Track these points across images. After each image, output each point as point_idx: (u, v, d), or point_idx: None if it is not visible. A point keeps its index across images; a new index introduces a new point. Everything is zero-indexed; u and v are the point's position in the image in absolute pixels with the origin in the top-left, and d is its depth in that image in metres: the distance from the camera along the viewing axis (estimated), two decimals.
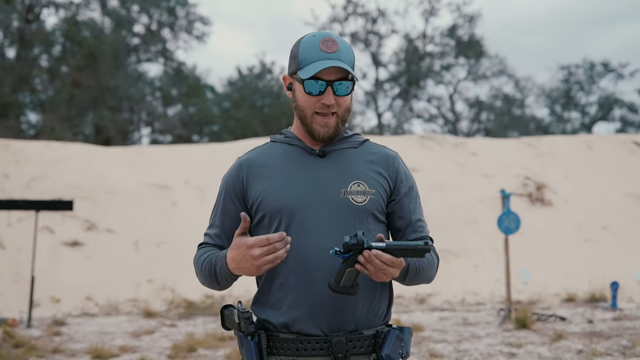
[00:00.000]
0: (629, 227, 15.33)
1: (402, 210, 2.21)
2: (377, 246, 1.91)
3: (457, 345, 8.07)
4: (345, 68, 2.07)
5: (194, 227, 13.67)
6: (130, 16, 33.68)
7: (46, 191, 14.49)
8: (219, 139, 31.03)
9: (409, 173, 2.28)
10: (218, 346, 8.08)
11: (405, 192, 2.23)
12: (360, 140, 2.26)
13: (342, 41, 2.14)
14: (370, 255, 1.90)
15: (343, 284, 1.96)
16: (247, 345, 2.06)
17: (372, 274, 1.94)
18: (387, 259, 1.91)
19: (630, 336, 8.34)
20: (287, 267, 2.08)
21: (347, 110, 2.17)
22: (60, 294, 11.85)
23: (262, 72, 35.78)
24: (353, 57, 2.16)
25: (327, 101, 2.09)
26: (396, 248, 1.92)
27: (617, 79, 37.91)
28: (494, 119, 39.60)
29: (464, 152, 18.30)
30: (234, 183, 2.21)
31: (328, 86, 2.09)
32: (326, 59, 2.08)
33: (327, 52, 2.09)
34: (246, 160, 2.23)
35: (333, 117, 2.13)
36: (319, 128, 2.14)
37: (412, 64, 37.06)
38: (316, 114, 2.13)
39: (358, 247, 1.91)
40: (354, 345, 2.06)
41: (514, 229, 10.07)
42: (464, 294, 12.80)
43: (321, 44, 2.10)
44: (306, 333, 2.05)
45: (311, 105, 2.12)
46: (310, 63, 2.09)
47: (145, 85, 33.47)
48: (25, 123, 31.56)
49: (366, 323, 2.10)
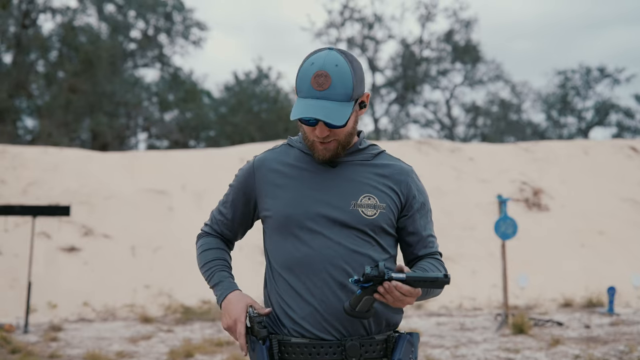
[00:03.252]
0: (625, 232, 15.35)
1: (413, 226, 2.22)
2: (397, 277, 1.93)
3: (454, 350, 8.07)
4: (323, 121, 2.02)
5: (191, 232, 13.57)
6: (127, 21, 33.69)
7: (43, 196, 14.46)
8: (215, 144, 31.01)
9: (422, 188, 2.26)
10: (215, 352, 8.07)
11: (418, 208, 2.22)
12: (375, 152, 2.23)
13: (338, 72, 2.03)
14: (391, 287, 1.92)
15: (359, 309, 1.98)
16: (259, 349, 2.07)
17: (389, 302, 1.96)
18: (407, 291, 1.93)
19: (627, 341, 8.35)
20: (297, 277, 2.09)
21: (348, 135, 2.13)
22: (57, 300, 11.82)
23: (259, 77, 35.79)
24: (351, 84, 2.05)
25: (319, 134, 2.07)
26: (416, 279, 1.93)
27: (613, 84, 38.05)
28: (491, 124, 39.65)
29: (461, 157, 18.31)
30: (246, 182, 2.24)
31: (319, 121, 2.05)
32: (314, 98, 2.02)
33: (317, 89, 2.02)
34: (260, 161, 2.23)
35: (333, 142, 2.11)
36: (319, 154, 2.13)
37: (408, 69, 37.11)
38: (315, 141, 2.12)
39: (379, 279, 1.93)
40: (366, 349, 2.07)
41: (510, 234, 10.07)
42: (461, 299, 12.80)
43: (313, 79, 2.03)
44: (320, 337, 2.06)
45: (310, 132, 2.11)
46: (301, 97, 2.05)
47: (142, 90, 33.46)
48: (21, 128, 31.55)
49: (377, 327, 2.12)
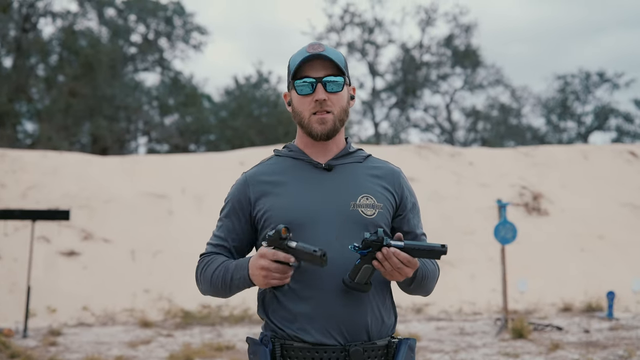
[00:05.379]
0: (625, 237, 15.35)
1: (408, 225, 2.25)
2: (395, 244, 1.95)
3: (453, 355, 8.07)
4: (329, 58, 2.13)
5: (191, 236, 13.65)
6: (128, 25, 33.74)
7: (42, 201, 14.46)
8: (215, 148, 31.03)
9: (411, 189, 2.33)
10: (215, 356, 8.07)
11: (410, 207, 2.27)
12: (364, 155, 2.29)
13: (330, 47, 2.19)
14: (389, 252, 1.94)
15: (358, 280, 1.99)
16: (262, 352, 2.06)
17: (388, 272, 1.98)
18: (404, 258, 1.95)
19: (627, 346, 8.35)
20: (298, 281, 2.09)
21: (344, 111, 2.19)
22: (57, 304, 11.82)
23: (259, 81, 35.81)
24: (343, 59, 2.21)
25: (318, 96, 2.13)
26: (414, 248, 1.95)
27: (613, 88, 38.08)
28: (491, 129, 39.67)
29: (461, 162, 18.33)
30: (240, 199, 2.22)
31: (318, 82, 2.13)
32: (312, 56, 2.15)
33: (312, 52, 2.14)
34: (252, 175, 2.23)
35: (329, 115, 2.16)
36: (316, 126, 2.16)
37: (408, 74, 37.13)
38: (312, 114, 2.16)
39: (377, 244, 1.94)
40: (369, 355, 2.07)
41: (510, 238, 10.07)
42: (461, 303, 12.80)
43: (308, 47, 2.17)
44: (323, 343, 2.05)
45: (306, 106, 2.16)
46: (297, 64, 2.15)
47: (142, 94, 33.49)
48: (21, 132, 31.58)
49: (377, 333, 2.12)
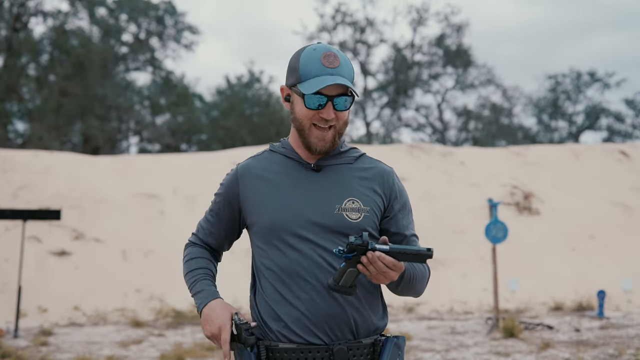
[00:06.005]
0: (615, 236, 15.41)
1: (396, 227, 2.23)
2: (380, 248, 1.94)
3: (445, 354, 8.09)
4: (348, 85, 2.08)
5: (183, 236, 13.53)
6: (119, 25, 33.66)
7: (33, 200, 14.41)
8: (207, 148, 31.01)
9: (403, 189, 2.30)
10: (206, 356, 8.07)
11: (399, 208, 2.24)
12: (356, 155, 2.27)
13: (342, 56, 2.14)
14: (374, 257, 1.93)
15: (342, 284, 1.98)
16: (247, 356, 2.07)
17: (373, 275, 1.97)
18: (390, 262, 1.94)
19: (617, 345, 8.39)
20: (284, 282, 2.10)
21: (345, 124, 2.18)
22: (48, 304, 11.79)
23: (251, 81, 35.79)
24: (353, 72, 2.17)
25: (326, 116, 2.10)
26: (399, 252, 1.95)
27: (604, 88, 38.23)
28: (482, 128, 39.80)
29: (452, 161, 18.36)
30: (232, 190, 2.24)
31: (329, 101, 2.09)
32: (328, 75, 2.08)
33: (329, 67, 2.09)
34: (243, 169, 2.24)
35: (330, 130, 2.14)
36: (316, 142, 2.14)
37: (400, 73, 37.20)
38: (314, 126, 2.13)
39: (362, 248, 1.93)
40: (354, 353, 2.07)
41: (501, 238, 10.09)
42: (452, 303, 12.83)
43: (323, 58, 2.10)
44: (308, 342, 2.05)
45: (309, 117, 2.13)
46: (311, 77, 2.09)
47: (133, 94, 33.43)
48: (12, 132, 31.48)
49: (364, 332, 2.11)
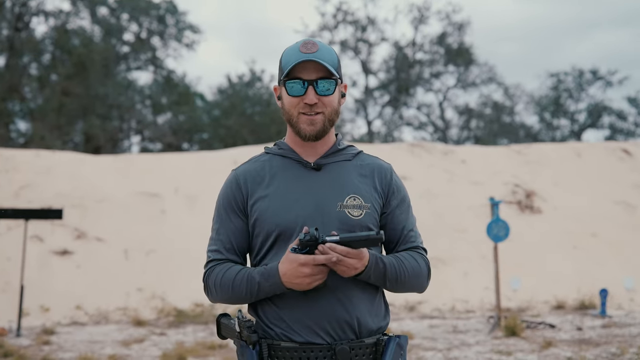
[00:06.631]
0: (618, 235, 15.40)
1: (393, 222, 2.23)
2: (330, 239, 1.97)
3: (446, 352, 8.08)
4: (322, 63, 2.10)
5: (184, 235, 13.65)
6: (120, 24, 33.66)
7: (35, 200, 14.43)
8: (208, 147, 31.00)
9: (401, 184, 2.30)
10: (208, 355, 8.07)
11: (397, 204, 2.24)
12: (354, 152, 2.27)
13: (324, 45, 2.16)
14: (325, 248, 1.96)
15: None
16: (249, 354, 2.06)
17: (333, 267, 1.99)
18: (342, 250, 1.96)
19: (619, 343, 8.38)
20: None
21: (334, 112, 2.18)
22: (50, 303, 11.80)
23: (252, 80, 35.80)
24: (336, 59, 2.18)
25: (308, 100, 2.11)
26: (350, 239, 1.98)
27: (606, 86, 38.19)
28: (484, 127, 39.75)
29: (454, 160, 18.35)
30: (234, 196, 2.21)
31: (309, 85, 2.11)
32: (305, 59, 2.11)
33: (306, 52, 2.12)
34: (242, 172, 2.23)
35: (319, 115, 2.15)
36: (304, 127, 2.15)
37: (401, 72, 37.17)
38: (301, 114, 2.14)
39: (312, 242, 1.97)
40: (356, 353, 2.07)
41: (503, 236, 10.08)
42: (454, 301, 12.82)
43: (301, 46, 2.14)
44: (310, 342, 2.05)
45: (295, 105, 2.14)
46: (290, 66, 2.12)
47: (135, 93, 33.44)
48: (14, 131, 31.49)
49: (366, 332, 2.11)
